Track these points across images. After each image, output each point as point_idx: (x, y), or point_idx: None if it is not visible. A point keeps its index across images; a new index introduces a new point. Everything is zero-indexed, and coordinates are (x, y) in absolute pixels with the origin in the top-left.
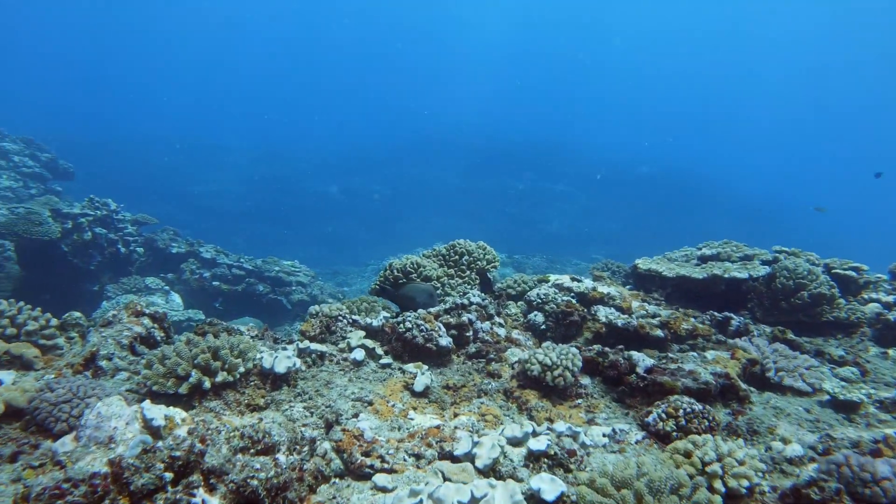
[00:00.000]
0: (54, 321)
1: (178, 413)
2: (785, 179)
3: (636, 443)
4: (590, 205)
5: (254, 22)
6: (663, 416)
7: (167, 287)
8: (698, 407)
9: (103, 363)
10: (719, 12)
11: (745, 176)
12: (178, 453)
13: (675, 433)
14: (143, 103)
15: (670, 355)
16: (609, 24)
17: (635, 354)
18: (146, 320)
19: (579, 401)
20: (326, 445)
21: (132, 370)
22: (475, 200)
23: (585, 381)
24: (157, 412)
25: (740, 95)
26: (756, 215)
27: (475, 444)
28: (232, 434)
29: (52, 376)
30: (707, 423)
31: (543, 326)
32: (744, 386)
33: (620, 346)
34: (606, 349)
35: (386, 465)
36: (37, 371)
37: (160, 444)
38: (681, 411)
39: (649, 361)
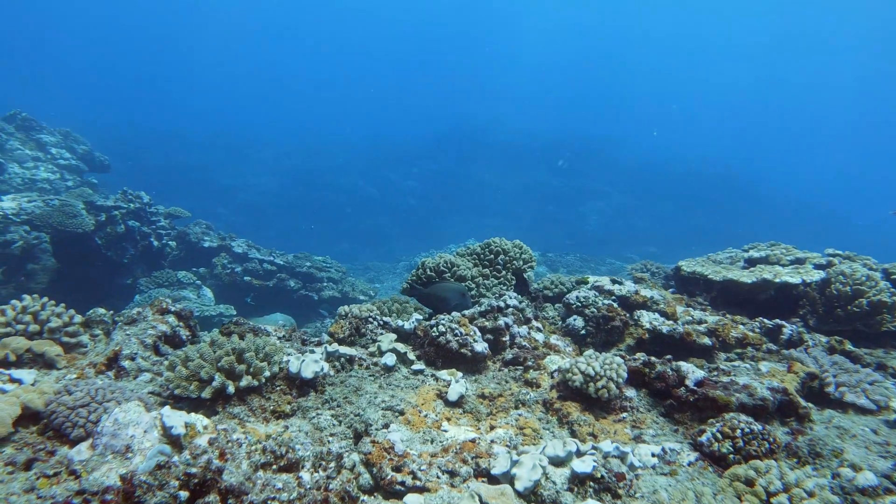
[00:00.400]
0: (78, 318)
1: (199, 420)
2: (828, 181)
3: (689, 465)
4: (625, 203)
5: (286, 18)
6: (718, 435)
7: (199, 281)
8: (757, 427)
9: (126, 363)
10: (767, 16)
11: (786, 177)
12: (194, 470)
13: (731, 455)
14: (177, 99)
15: (721, 367)
16: (645, 25)
17: (684, 365)
18: (171, 318)
19: (624, 415)
20: (355, 458)
21: (155, 371)
22: (508, 197)
23: (630, 393)
24: (177, 419)
25: (780, 95)
26: (795, 217)
27: (514, 462)
28: (253, 448)
29: (74, 376)
30: (767, 446)
31: (583, 332)
32: (803, 403)
33: (668, 356)
34: (653, 359)
35: (418, 483)
36: (59, 370)
37: (176, 458)
38: (738, 431)
39: (700, 374)
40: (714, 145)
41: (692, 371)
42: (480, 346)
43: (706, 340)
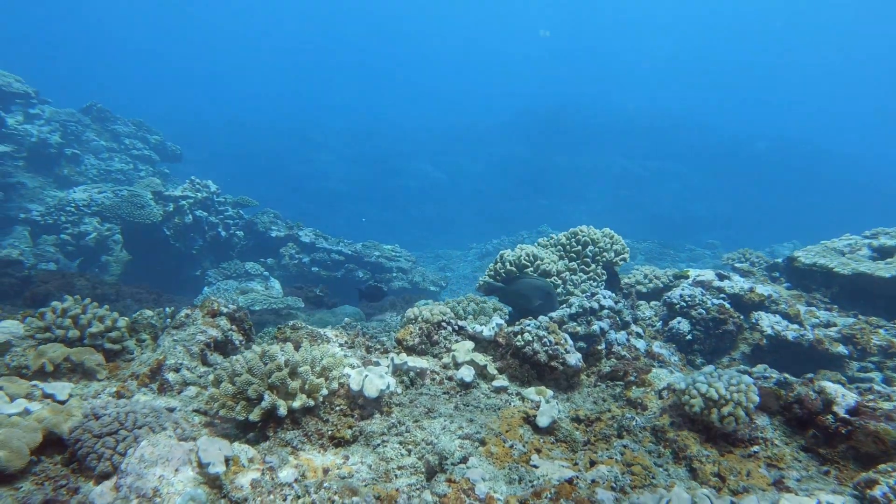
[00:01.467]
0: (122, 322)
1: (244, 451)
2: None
3: None
4: (702, 185)
5: (353, 2)
6: None
7: (266, 273)
8: None
9: (170, 376)
10: None
11: (881, 153)
12: None
13: None
14: (248, 87)
15: (877, 388)
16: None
17: (829, 386)
18: (223, 321)
19: (755, 448)
20: (428, 498)
21: (202, 384)
22: (580, 181)
23: (761, 420)
24: (216, 454)
25: (875, 68)
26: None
27: None
28: (300, 501)
29: (115, 389)
30: None
31: (689, 337)
32: None
33: (809, 375)
34: (789, 378)
35: None
36: (99, 382)
37: None
38: None
39: (851, 397)
40: (796, 123)
41: (841, 394)
42: (573, 358)
43: (840, 349)
